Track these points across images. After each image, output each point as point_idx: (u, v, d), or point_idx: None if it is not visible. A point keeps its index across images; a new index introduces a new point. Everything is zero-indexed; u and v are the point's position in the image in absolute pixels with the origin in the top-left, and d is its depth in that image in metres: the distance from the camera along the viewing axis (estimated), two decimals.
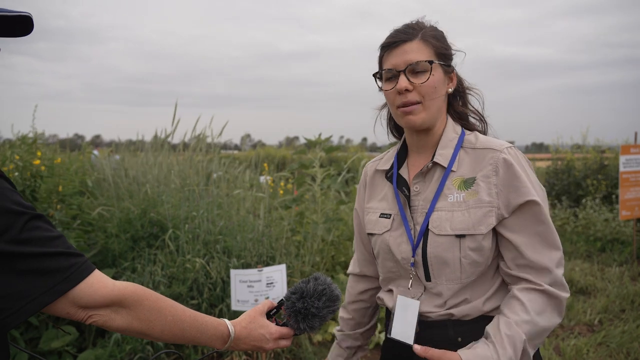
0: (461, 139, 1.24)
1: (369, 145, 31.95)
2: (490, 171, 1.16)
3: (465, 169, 1.20)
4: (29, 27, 0.93)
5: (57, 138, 11.30)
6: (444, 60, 1.22)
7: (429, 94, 1.19)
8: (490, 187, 1.15)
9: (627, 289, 4.66)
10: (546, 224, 1.14)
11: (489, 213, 1.14)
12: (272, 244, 3.74)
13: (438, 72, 1.20)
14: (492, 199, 1.14)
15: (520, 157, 1.18)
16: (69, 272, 0.85)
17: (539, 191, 1.16)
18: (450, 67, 1.25)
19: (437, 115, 1.23)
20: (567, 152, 9.32)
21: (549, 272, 1.13)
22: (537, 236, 1.14)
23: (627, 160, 5.79)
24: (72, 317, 0.89)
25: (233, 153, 9.51)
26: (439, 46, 1.21)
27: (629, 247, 6.07)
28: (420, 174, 1.25)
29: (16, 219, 0.80)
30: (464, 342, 1.16)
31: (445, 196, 1.19)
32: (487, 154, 1.18)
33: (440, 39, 1.23)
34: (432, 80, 1.18)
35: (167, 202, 3.82)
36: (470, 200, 1.15)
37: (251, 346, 1.11)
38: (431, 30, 1.23)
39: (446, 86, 1.24)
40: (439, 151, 1.23)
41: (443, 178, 1.20)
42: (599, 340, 3.63)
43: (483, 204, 1.15)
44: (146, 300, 0.95)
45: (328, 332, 3.48)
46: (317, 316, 1.12)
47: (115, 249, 3.51)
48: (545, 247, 1.14)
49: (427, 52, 1.19)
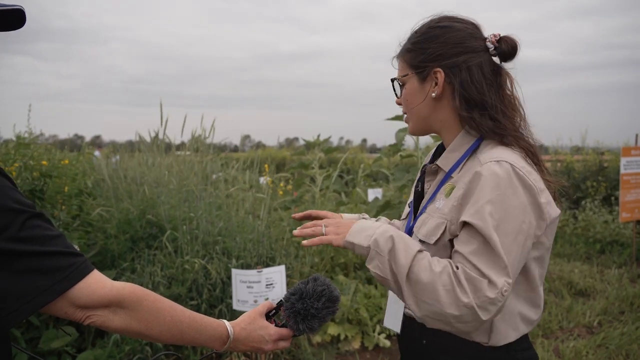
0: (473, 146, 1.16)
1: (368, 147, 31.94)
2: (463, 183, 1.09)
3: (460, 177, 1.15)
4: (20, 20, 0.92)
5: (57, 138, 11.30)
6: (416, 67, 1.19)
7: (405, 106, 1.25)
8: (454, 200, 1.09)
9: (626, 290, 4.66)
10: (489, 245, 0.99)
11: (440, 225, 1.11)
12: (272, 245, 3.74)
13: (411, 82, 1.21)
14: (449, 212, 1.09)
15: (493, 177, 1.03)
16: (68, 272, 0.85)
17: (485, 215, 1.00)
18: (425, 70, 1.16)
19: (423, 122, 1.23)
20: (567, 154, 9.33)
21: (487, 278, 0.98)
22: (475, 253, 1.01)
23: (627, 162, 5.79)
24: (70, 317, 0.89)
25: (232, 154, 9.52)
26: (411, 57, 1.20)
27: (628, 249, 6.07)
28: (430, 172, 1.26)
29: (16, 217, 0.80)
30: (428, 345, 1.18)
31: (435, 200, 1.18)
32: (472, 165, 1.11)
33: (415, 47, 1.19)
34: (404, 94, 1.23)
35: (166, 202, 3.81)
36: (440, 210, 1.14)
37: (250, 347, 1.11)
38: (413, 37, 1.21)
39: (425, 92, 1.18)
40: (445, 154, 1.21)
41: (441, 182, 1.19)
42: (598, 342, 3.62)
43: (440, 214, 1.12)
44: (145, 301, 0.95)
45: (327, 334, 3.48)
46: (316, 317, 1.12)
47: (114, 249, 3.51)
48: (487, 260, 1.00)
49: (402, 67, 1.23)
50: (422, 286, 1.01)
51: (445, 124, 1.20)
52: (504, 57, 1.16)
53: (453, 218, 1.08)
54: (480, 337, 1.13)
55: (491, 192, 1.02)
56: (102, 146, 12.97)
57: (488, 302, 0.97)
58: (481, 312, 0.97)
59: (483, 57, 1.15)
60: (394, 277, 1.04)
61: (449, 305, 0.98)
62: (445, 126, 1.20)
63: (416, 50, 1.19)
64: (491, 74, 1.15)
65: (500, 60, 1.17)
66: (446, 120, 1.20)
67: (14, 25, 0.93)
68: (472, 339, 1.13)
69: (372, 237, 1.07)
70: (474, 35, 1.17)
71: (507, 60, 1.17)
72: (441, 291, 0.99)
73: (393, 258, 1.04)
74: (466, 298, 0.97)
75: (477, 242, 1.01)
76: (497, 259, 0.99)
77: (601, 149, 9.17)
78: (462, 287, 0.98)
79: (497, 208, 1.01)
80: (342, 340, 3.50)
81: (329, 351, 3.40)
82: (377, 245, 1.06)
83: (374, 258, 1.06)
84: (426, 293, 1.00)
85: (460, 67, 1.14)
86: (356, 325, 3.60)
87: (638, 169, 5.84)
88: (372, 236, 1.07)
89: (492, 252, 0.99)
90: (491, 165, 1.05)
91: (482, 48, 1.15)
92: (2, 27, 0.92)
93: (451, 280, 0.99)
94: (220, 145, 7.53)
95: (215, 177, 4.84)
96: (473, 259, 1.00)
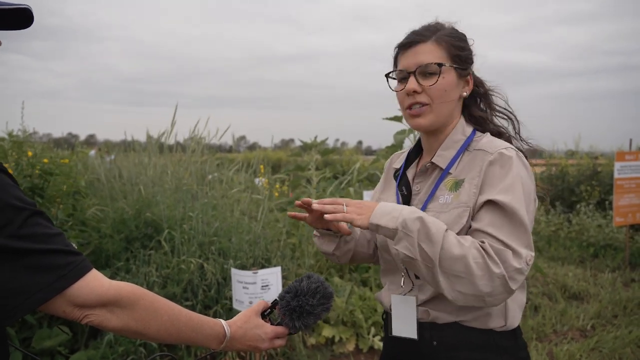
0: (468, 141, 1.21)
1: (364, 149, 31.98)
2: (476, 172, 1.14)
3: (460, 170, 1.18)
4: (28, 19, 0.92)
5: (51, 137, 11.23)
6: (458, 63, 1.19)
7: (438, 97, 1.18)
8: (471, 187, 1.13)
9: (619, 294, 4.69)
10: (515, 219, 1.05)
11: (463, 213, 1.12)
12: (268, 246, 3.73)
13: (450, 75, 1.18)
14: (469, 199, 1.12)
15: (508, 160, 1.12)
16: (66, 270, 0.85)
17: (510, 194, 1.07)
18: (466, 71, 1.21)
19: (446, 118, 1.22)
20: (562, 158, 9.38)
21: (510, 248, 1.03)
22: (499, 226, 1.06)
23: (621, 167, 5.82)
24: (67, 316, 0.88)
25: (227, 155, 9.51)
26: (453, 48, 1.18)
27: (621, 253, 6.11)
28: (420, 173, 1.26)
29: (17, 215, 0.80)
30: (439, 346, 1.17)
31: (437, 198, 1.18)
32: (479, 155, 1.16)
33: (458, 41, 1.21)
34: (441, 83, 1.16)
35: (162, 202, 3.80)
36: (454, 202, 1.14)
37: (247, 346, 1.11)
38: (449, 31, 1.21)
39: (460, 90, 1.22)
40: (440, 152, 1.22)
41: (438, 180, 1.20)
42: (592, 345, 3.64)
43: (460, 204, 1.13)
44: (142, 300, 0.95)
45: (322, 336, 3.47)
46: (311, 314, 1.12)
47: (109, 249, 3.49)
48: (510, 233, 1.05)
49: (439, 54, 1.17)
50: (454, 261, 1.01)
51: (451, 122, 1.24)
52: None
53: (473, 204, 1.12)
54: (496, 321, 1.16)
55: (510, 174, 1.09)
56: (97, 145, 12.91)
57: (515, 272, 1.02)
58: (511, 282, 1.01)
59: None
60: (424, 256, 1.03)
61: (481, 277, 1.00)
62: (450, 124, 1.24)
63: (460, 45, 1.21)
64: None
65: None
66: (454, 119, 1.25)
67: (20, 25, 0.92)
68: (488, 325, 1.15)
69: (399, 219, 1.06)
70: None
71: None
72: (472, 264, 1.01)
73: (424, 237, 1.03)
74: (497, 269, 1.00)
75: (500, 217, 1.06)
76: (519, 232, 1.05)
77: (595, 153, 9.22)
78: (492, 259, 1.01)
79: (518, 187, 1.08)
80: (336, 342, 3.49)
81: (324, 353, 3.39)
82: (405, 227, 1.05)
83: (402, 239, 1.05)
84: (458, 267, 1.01)
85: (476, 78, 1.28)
86: (351, 328, 3.60)
87: (632, 174, 5.88)
88: (398, 218, 1.06)
89: (515, 225, 1.05)
90: (503, 152, 1.13)
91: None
92: (9, 26, 0.91)
93: (481, 253, 1.02)
94: (216, 146, 7.52)
95: (211, 177, 4.83)
96: (495, 232, 1.05)
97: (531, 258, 1.05)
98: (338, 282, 3.89)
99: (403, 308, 1.23)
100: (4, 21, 0.90)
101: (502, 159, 1.12)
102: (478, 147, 1.18)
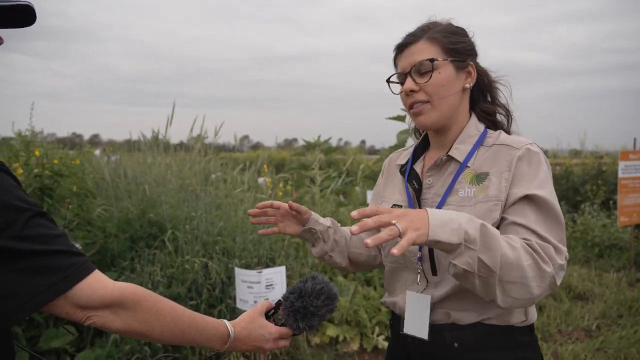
0: (482, 137, 1.21)
1: (367, 148, 31.95)
2: (505, 167, 1.13)
3: (480, 164, 1.17)
4: (31, 17, 0.91)
5: (55, 137, 11.28)
6: (454, 55, 1.18)
7: (436, 93, 1.17)
8: (501, 181, 1.12)
9: (624, 294, 4.67)
10: (552, 214, 1.07)
11: (494, 207, 1.10)
12: (272, 246, 3.74)
13: (446, 68, 1.17)
14: (500, 193, 1.11)
15: (537, 156, 1.13)
16: (69, 271, 0.85)
17: (546, 189, 1.09)
18: (464, 62, 1.20)
19: (451, 113, 1.20)
20: (566, 158, 9.34)
21: (552, 244, 1.04)
22: (540, 221, 1.06)
23: (626, 166, 5.80)
24: (70, 317, 0.88)
25: (231, 154, 9.52)
26: (447, 42, 1.18)
27: (626, 253, 6.08)
28: (434, 166, 1.23)
29: (19, 215, 0.80)
30: (460, 348, 1.14)
31: (457, 191, 1.16)
32: (504, 150, 1.16)
33: (452, 34, 1.20)
34: (436, 78, 1.16)
35: (166, 202, 3.81)
36: (480, 196, 1.13)
37: (251, 346, 1.11)
38: (442, 26, 1.20)
39: (462, 82, 1.20)
40: (456, 145, 1.21)
41: (457, 173, 1.18)
42: (597, 345, 3.63)
43: (490, 198, 1.11)
44: (145, 301, 0.95)
45: (326, 335, 3.48)
46: (316, 315, 1.12)
47: (114, 248, 3.51)
48: (550, 228, 1.06)
49: (432, 50, 1.17)
50: (510, 267, 0.96)
51: (459, 116, 1.23)
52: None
53: (504, 198, 1.10)
54: (517, 317, 1.16)
55: (541, 169, 1.12)
56: (102, 145, 12.95)
57: (559, 268, 1.02)
58: (557, 279, 1.01)
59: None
60: (483, 267, 0.95)
61: (533, 278, 0.98)
62: (458, 119, 1.23)
63: (454, 37, 1.19)
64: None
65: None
66: (461, 113, 1.24)
67: (23, 22, 0.92)
68: (509, 322, 1.15)
69: (461, 231, 0.93)
70: None
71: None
72: (527, 267, 0.98)
73: (484, 248, 0.95)
74: (548, 267, 1.00)
75: (539, 213, 1.07)
76: (557, 227, 1.07)
77: (600, 152, 9.18)
78: (542, 258, 1.00)
79: (549, 182, 1.12)
80: (340, 342, 3.50)
81: (328, 352, 3.40)
82: (468, 240, 0.94)
83: (463, 254, 0.95)
84: (514, 273, 0.97)
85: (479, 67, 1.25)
86: (355, 327, 3.60)
87: (636, 173, 5.84)
88: (459, 230, 0.93)
89: (553, 220, 1.07)
90: (530, 147, 1.14)
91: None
92: (11, 24, 0.91)
93: (530, 254, 1.00)
94: (219, 145, 7.53)
95: (215, 177, 4.84)
96: (538, 228, 1.05)
97: (567, 254, 1.06)
98: (342, 281, 3.89)
99: (417, 306, 1.20)
100: (6, 19, 0.89)
101: (530, 154, 1.13)
102: (500, 142, 1.18)
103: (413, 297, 1.21)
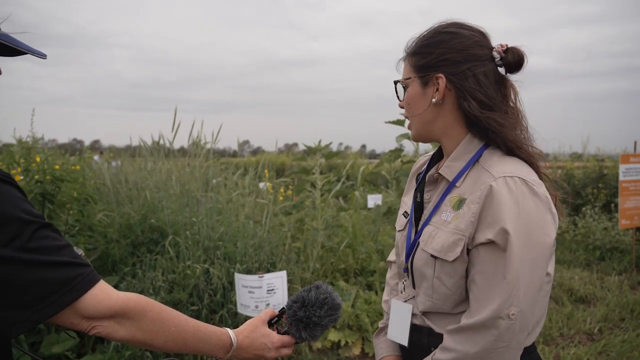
0: (477, 155, 1.13)
1: (368, 152, 31.96)
2: (477, 197, 1.05)
3: (466, 187, 1.11)
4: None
5: (56, 142, 11.30)
6: (420, 71, 1.15)
7: (407, 110, 1.22)
8: (469, 215, 1.06)
9: (626, 297, 4.66)
10: (503, 264, 1.00)
11: (459, 242, 1.06)
12: (273, 250, 3.74)
13: (413, 86, 1.18)
14: (465, 228, 1.06)
15: (513, 191, 1.02)
16: (75, 283, 0.85)
17: (517, 234, 0.99)
18: (428, 75, 1.14)
19: (428, 128, 1.18)
20: (567, 161, 9.34)
21: (479, 322, 1.02)
22: (483, 279, 1.03)
23: (626, 169, 5.79)
24: (75, 327, 0.89)
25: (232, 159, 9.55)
26: (415, 60, 1.17)
27: (628, 256, 6.07)
28: (430, 182, 1.22)
29: (25, 228, 0.81)
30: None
31: (441, 212, 1.14)
32: (483, 176, 1.07)
33: (425, 47, 1.15)
34: (406, 97, 1.20)
35: (167, 207, 3.82)
36: (453, 223, 1.09)
37: (253, 355, 1.11)
38: (416, 42, 1.19)
39: (429, 97, 1.15)
40: (448, 162, 1.17)
41: (445, 192, 1.16)
42: (599, 349, 3.62)
43: (457, 231, 1.07)
44: (149, 311, 0.96)
45: (328, 340, 3.47)
46: (318, 325, 1.12)
47: (115, 254, 3.51)
48: (491, 287, 1.02)
49: (407, 70, 1.20)
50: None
51: (446, 130, 1.17)
52: (510, 68, 1.14)
53: (470, 234, 1.05)
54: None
55: (511, 209, 1.00)
56: (101, 150, 12.96)
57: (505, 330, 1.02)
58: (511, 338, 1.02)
59: (488, 66, 1.12)
60: None
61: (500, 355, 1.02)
62: (447, 133, 1.17)
63: (421, 54, 1.16)
64: (495, 84, 1.13)
65: (506, 71, 1.15)
66: (448, 127, 1.16)
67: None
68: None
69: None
70: (480, 43, 1.13)
71: (513, 71, 1.15)
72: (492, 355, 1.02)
73: None
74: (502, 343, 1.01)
75: (489, 262, 1.03)
76: (506, 283, 1.00)
77: (601, 155, 9.18)
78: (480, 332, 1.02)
79: (519, 225, 1.00)
80: (342, 347, 3.49)
81: (330, 357, 3.39)
82: None
83: None
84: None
85: (466, 74, 1.10)
86: (357, 332, 3.60)
87: (637, 176, 5.84)
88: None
89: (500, 276, 1.01)
90: (507, 180, 1.03)
91: (487, 57, 1.13)
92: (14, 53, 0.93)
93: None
94: (220, 150, 7.54)
95: (216, 182, 4.85)
96: (472, 298, 1.05)
97: (513, 309, 0.99)
98: (344, 286, 3.89)
99: (400, 314, 1.23)
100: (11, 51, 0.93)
101: (505, 189, 1.02)
102: (485, 166, 1.09)
103: (397, 304, 1.25)
